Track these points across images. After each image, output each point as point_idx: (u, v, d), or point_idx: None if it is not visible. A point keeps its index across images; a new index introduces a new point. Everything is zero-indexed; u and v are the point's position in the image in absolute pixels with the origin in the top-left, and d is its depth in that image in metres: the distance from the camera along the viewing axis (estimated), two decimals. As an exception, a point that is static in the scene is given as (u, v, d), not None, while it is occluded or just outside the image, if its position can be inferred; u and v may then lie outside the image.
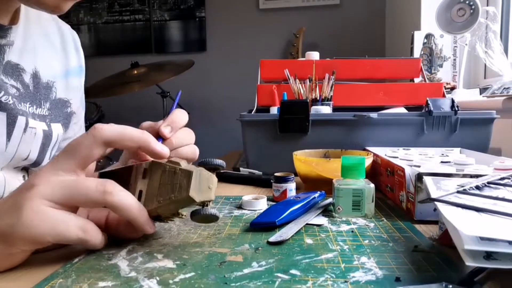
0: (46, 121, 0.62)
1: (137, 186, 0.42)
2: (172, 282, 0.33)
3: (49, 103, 0.64)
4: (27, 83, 0.59)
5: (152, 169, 0.42)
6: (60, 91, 0.66)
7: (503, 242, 0.28)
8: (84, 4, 3.14)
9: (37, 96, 0.61)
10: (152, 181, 0.42)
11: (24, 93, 0.59)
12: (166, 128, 0.48)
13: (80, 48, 0.75)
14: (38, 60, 0.62)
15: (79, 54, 0.74)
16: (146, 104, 2.86)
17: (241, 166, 0.86)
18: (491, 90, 1.12)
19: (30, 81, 0.60)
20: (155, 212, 0.41)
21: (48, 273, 0.36)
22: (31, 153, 0.60)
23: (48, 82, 0.64)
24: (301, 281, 0.33)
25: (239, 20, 2.97)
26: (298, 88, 0.96)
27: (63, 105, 0.67)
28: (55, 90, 0.65)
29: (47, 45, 0.65)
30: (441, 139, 0.82)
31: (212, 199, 0.41)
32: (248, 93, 1.20)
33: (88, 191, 0.38)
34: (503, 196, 0.39)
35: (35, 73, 0.61)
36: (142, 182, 0.42)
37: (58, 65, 0.67)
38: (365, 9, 2.81)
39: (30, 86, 0.60)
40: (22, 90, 0.58)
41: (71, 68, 0.70)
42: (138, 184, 0.42)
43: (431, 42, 1.57)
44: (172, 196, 0.40)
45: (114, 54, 3.12)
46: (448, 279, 0.32)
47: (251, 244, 0.43)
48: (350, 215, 0.52)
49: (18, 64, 0.58)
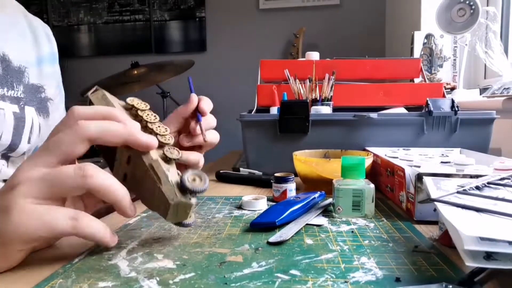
0: (19, 104, 0.62)
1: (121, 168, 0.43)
2: (172, 283, 0.33)
3: (23, 87, 0.64)
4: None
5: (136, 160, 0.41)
6: (33, 77, 0.66)
7: (503, 243, 0.28)
8: (84, 4, 3.14)
9: (7, 78, 0.61)
10: (136, 172, 0.42)
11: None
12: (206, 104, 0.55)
13: (52, 39, 0.75)
14: (5, 44, 0.62)
15: (50, 42, 0.74)
16: (146, 104, 2.86)
17: (241, 166, 0.86)
18: (491, 90, 1.12)
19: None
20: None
21: (48, 273, 0.36)
22: (3, 134, 0.59)
23: (20, 66, 0.64)
24: (301, 281, 0.33)
25: (239, 20, 2.97)
26: (298, 88, 0.96)
27: (36, 91, 0.67)
28: (27, 75, 0.65)
29: (15, 33, 0.66)
30: (441, 139, 0.82)
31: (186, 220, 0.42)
32: (248, 93, 1.20)
33: (68, 178, 0.37)
34: (503, 197, 0.39)
35: (2, 56, 0.61)
36: (127, 167, 0.42)
37: (29, 52, 0.67)
38: (365, 9, 2.81)
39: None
40: None
41: (43, 56, 0.70)
42: (123, 167, 0.42)
43: (431, 42, 1.57)
44: (153, 206, 0.41)
45: (114, 54, 3.12)
46: (448, 280, 0.32)
47: (251, 244, 0.43)
48: (350, 216, 0.52)
49: None
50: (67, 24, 3.15)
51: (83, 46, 3.15)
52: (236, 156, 1.23)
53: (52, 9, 3.16)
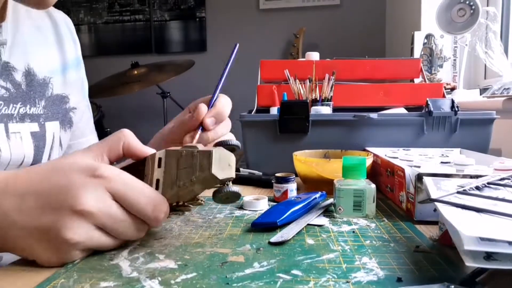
0: (39, 121, 0.60)
1: (153, 176, 0.42)
2: (173, 283, 0.34)
3: (44, 101, 0.61)
4: (19, 82, 0.57)
5: (167, 157, 0.42)
6: (58, 87, 0.64)
7: (503, 243, 0.29)
8: (84, 4, 3.14)
9: (30, 94, 0.59)
10: (169, 168, 0.42)
11: (14, 93, 0.57)
12: (210, 119, 0.48)
13: (75, 37, 0.72)
14: (30, 56, 0.60)
15: (75, 44, 0.72)
16: (146, 104, 2.86)
17: (241, 167, 0.86)
18: (491, 91, 1.13)
19: (23, 79, 0.58)
20: (175, 197, 0.42)
21: (50, 273, 0.36)
22: (25, 158, 0.58)
23: (45, 78, 0.62)
24: (303, 281, 0.33)
25: (239, 20, 2.98)
26: (298, 89, 0.96)
27: (61, 101, 0.65)
28: (51, 86, 0.63)
29: (41, 40, 0.63)
30: (441, 139, 0.82)
31: (233, 176, 0.42)
32: (248, 93, 1.20)
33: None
34: (503, 197, 0.39)
35: (27, 70, 0.59)
36: (158, 171, 0.42)
37: (54, 60, 0.65)
38: (365, 9, 2.81)
39: (23, 84, 0.58)
40: (13, 90, 0.56)
41: (68, 61, 0.68)
42: (155, 174, 0.42)
43: (431, 42, 1.57)
44: (193, 178, 0.41)
45: (114, 54, 3.12)
46: (450, 280, 0.32)
47: (253, 244, 0.43)
48: (351, 216, 0.52)
49: (8, 63, 0.56)
50: (67, 24, 3.15)
51: (83, 46, 3.11)
52: (236, 156, 1.23)
53: (52, 9, 3.16)
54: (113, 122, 2.42)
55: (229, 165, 0.42)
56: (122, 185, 0.38)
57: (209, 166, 0.40)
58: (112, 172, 0.38)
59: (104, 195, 0.38)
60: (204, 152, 0.41)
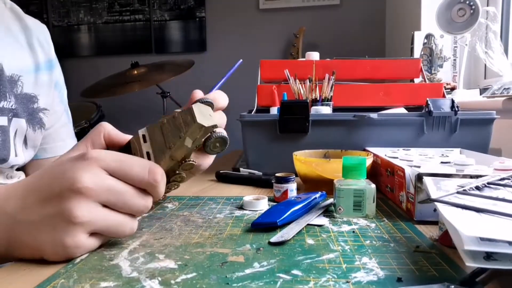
0: (8, 115, 0.62)
1: (142, 150, 0.44)
2: (174, 283, 0.34)
3: (14, 97, 0.63)
4: None
5: (150, 131, 0.45)
6: (28, 86, 0.65)
7: (503, 243, 0.29)
8: (84, 4, 3.14)
9: (0, 89, 0.60)
10: (155, 139, 0.44)
11: None
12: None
13: (49, 41, 0.74)
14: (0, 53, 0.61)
15: (46, 48, 0.72)
16: (146, 104, 2.86)
17: (241, 167, 0.86)
18: (491, 91, 1.13)
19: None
20: (169, 160, 0.43)
21: (50, 273, 0.36)
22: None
23: (13, 75, 0.63)
24: (303, 281, 0.34)
25: (239, 20, 2.98)
26: (298, 89, 0.96)
27: (28, 100, 0.66)
28: (21, 84, 0.64)
29: (11, 41, 0.65)
30: (441, 139, 0.82)
31: (216, 123, 0.45)
32: (248, 93, 1.20)
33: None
34: (503, 197, 0.39)
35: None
36: (145, 145, 0.44)
37: (25, 60, 0.66)
38: (365, 9, 2.81)
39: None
40: None
41: (40, 63, 0.69)
42: (143, 148, 0.44)
43: (431, 42, 1.57)
44: (181, 134, 0.43)
45: (114, 54, 3.12)
46: (450, 280, 0.32)
47: (253, 244, 0.43)
48: (351, 216, 0.52)
49: None
50: (67, 24, 3.15)
51: (83, 46, 3.15)
52: (236, 156, 1.23)
53: (52, 9, 3.16)
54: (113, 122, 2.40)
55: (210, 115, 0.45)
56: (113, 161, 0.40)
57: (193, 118, 0.43)
58: (100, 152, 0.40)
59: (99, 171, 0.39)
60: (185, 110, 0.44)
